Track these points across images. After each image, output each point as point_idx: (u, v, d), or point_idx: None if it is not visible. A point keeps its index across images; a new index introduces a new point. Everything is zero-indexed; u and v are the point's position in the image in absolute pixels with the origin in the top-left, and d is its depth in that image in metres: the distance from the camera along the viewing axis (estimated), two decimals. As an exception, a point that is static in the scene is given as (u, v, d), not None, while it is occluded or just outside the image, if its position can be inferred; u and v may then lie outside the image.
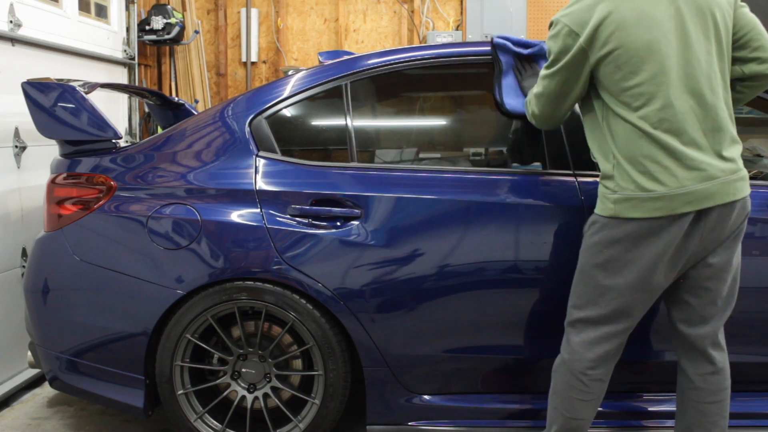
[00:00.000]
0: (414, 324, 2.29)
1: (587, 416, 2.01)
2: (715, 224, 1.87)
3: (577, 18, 1.88)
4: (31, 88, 2.45)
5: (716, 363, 2.00)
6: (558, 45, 1.91)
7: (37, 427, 2.76)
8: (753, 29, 1.95)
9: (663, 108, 1.82)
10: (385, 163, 2.41)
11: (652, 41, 1.83)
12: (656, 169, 1.83)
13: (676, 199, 1.82)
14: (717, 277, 1.95)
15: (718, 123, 1.86)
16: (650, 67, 1.83)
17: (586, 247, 1.97)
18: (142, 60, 4.99)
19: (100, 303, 2.38)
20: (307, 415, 2.36)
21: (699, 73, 1.85)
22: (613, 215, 1.88)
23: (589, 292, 1.96)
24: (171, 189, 2.35)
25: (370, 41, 5.62)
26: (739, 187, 1.88)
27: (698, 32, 1.86)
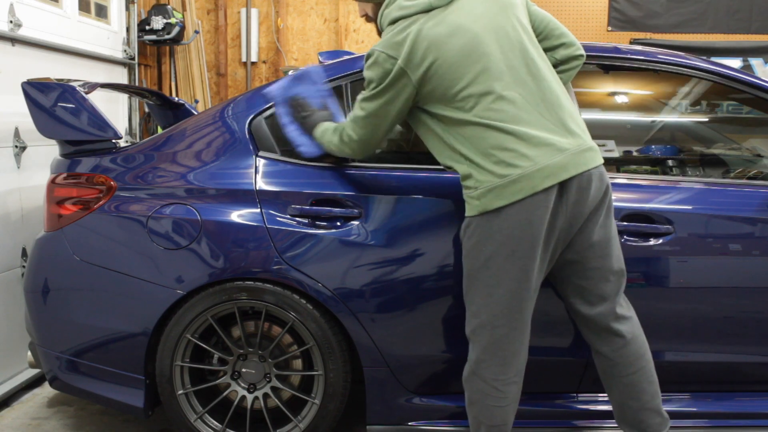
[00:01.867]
0: (414, 324, 2.30)
1: (508, 420, 2.02)
2: (577, 197, 1.91)
3: (390, 44, 1.94)
4: (31, 88, 2.45)
5: (625, 335, 2.04)
6: (377, 71, 1.96)
7: (37, 427, 2.76)
8: (550, 21, 2.11)
9: (494, 101, 1.89)
10: (385, 163, 2.41)
11: (465, 46, 1.91)
12: (508, 156, 1.87)
13: (534, 176, 1.86)
14: (601, 254, 2.00)
15: (551, 102, 1.93)
16: (472, 68, 1.90)
17: (466, 253, 1.99)
18: (142, 60, 4.98)
19: (100, 303, 2.38)
20: (307, 415, 2.36)
21: (518, 63, 1.94)
22: (481, 211, 1.92)
23: (479, 295, 1.97)
24: (171, 189, 2.35)
25: (370, 41, 5.61)
26: (590, 156, 1.93)
27: (506, 26, 1.96)
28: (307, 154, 2.26)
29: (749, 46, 5.59)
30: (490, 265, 1.93)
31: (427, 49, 1.90)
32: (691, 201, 2.29)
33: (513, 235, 1.89)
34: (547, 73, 1.98)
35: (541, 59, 2.00)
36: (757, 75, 2.56)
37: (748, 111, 3.02)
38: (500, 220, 1.89)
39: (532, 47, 1.99)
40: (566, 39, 2.12)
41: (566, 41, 2.11)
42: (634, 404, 2.07)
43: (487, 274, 1.94)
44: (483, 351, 1.99)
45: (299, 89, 2.28)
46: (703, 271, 2.29)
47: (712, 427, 2.33)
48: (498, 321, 1.95)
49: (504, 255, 1.91)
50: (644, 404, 2.07)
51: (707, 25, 5.65)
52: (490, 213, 1.90)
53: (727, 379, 2.38)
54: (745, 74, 2.43)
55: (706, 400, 2.36)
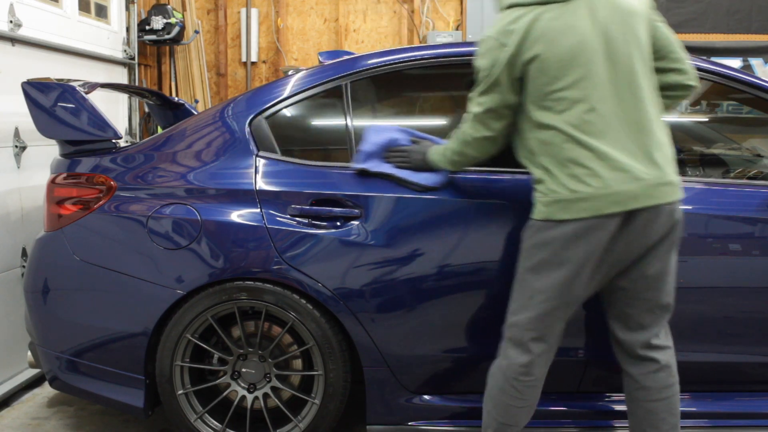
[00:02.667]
0: (414, 324, 2.29)
1: (521, 422, 2.02)
2: (641, 228, 1.89)
3: (504, 30, 1.92)
4: (31, 88, 2.46)
5: (659, 361, 2.02)
6: (488, 60, 1.94)
7: (37, 427, 2.76)
8: (671, 42, 2.03)
9: (587, 111, 1.86)
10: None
11: (576, 46, 1.87)
12: (582, 172, 1.85)
13: (603, 199, 1.84)
14: (653, 287, 1.97)
15: (642, 125, 1.89)
16: (574, 72, 1.87)
17: (522, 252, 2.00)
18: (142, 60, 4.98)
19: (100, 303, 2.38)
20: (307, 415, 2.36)
21: (621, 78, 1.89)
22: (545, 218, 1.91)
23: (522, 296, 1.98)
24: (171, 189, 2.35)
25: (370, 41, 5.62)
26: (666, 191, 1.89)
27: (619, 39, 1.90)
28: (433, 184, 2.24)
29: (749, 46, 5.58)
30: (539, 270, 1.93)
31: (536, 40, 1.87)
32: (691, 201, 2.28)
33: (567, 249, 1.88)
34: (647, 95, 1.92)
35: (646, 80, 1.93)
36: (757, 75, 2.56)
37: (748, 111, 3.02)
38: (559, 231, 1.88)
39: (641, 65, 1.92)
40: (681, 65, 2.03)
41: (681, 67, 2.03)
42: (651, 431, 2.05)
43: (534, 278, 1.94)
44: (511, 348, 2.00)
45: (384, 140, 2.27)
46: (703, 271, 2.29)
47: (712, 427, 2.33)
48: (531, 325, 1.95)
49: (554, 265, 1.90)
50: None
51: (707, 25, 5.64)
52: (552, 222, 1.90)
53: (727, 379, 2.38)
54: (745, 74, 2.43)
55: (706, 400, 2.36)
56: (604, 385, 2.36)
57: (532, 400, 2.01)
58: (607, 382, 2.35)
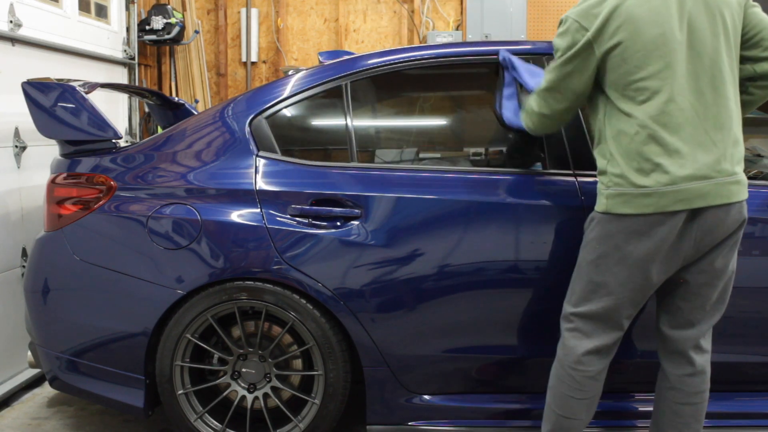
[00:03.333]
0: (414, 324, 2.29)
1: (581, 416, 2.00)
2: (708, 226, 1.86)
3: (586, 13, 1.88)
4: (31, 88, 2.45)
5: (696, 365, 2.00)
6: (566, 41, 1.91)
7: (37, 427, 2.76)
8: (765, 28, 1.94)
9: (666, 102, 1.82)
10: (385, 163, 2.41)
11: (659, 36, 1.83)
12: (649, 167, 1.83)
13: (667, 197, 1.81)
14: (711, 283, 1.95)
15: (721, 122, 1.85)
16: (656, 61, 1.83)
17: (584, 244, 1.99)
18: (142, 60, 4.98)
19: (100, 303, 2.38)
20: (307, 415, 2.36)
21: (702, 71, 1.84)
22: (606, 211, 1.89)
23: (582, 288, 1.97)
24: (171, 189, 2.35)
25: (370, 41, 5.62)
26: (734, 190, 1.87)
27: (705, 29, 1.85)
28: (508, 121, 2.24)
29: (749, 46, 5.56)
30: (600, 263, 1.91)
31: (620, 27, 1.83)
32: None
33: (629, 244, 1.86)
34: (729, 90, 1.87)
35: (730, 73, 1.88)
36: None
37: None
38: (622, 225, 1.86)
39: (727, 58, 1.87)
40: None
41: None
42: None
43: (595, 271, 1.92)
44: (569, 339, 1.99)
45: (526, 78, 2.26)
46: (704, 271, 2.28)
47: (712, 427, 2.32)
48: (591, 317, 1.95)
49: (616, 259, 1.88)
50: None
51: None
52: (614, 215, 1.87)
53: (727, 379, 2.38)
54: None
55: (707, 400, 2.36)
56: (604, 384, 2.35)
57: (592, 393, 1.99)
58: (607, 382, 2.35)
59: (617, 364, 2.23)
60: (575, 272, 2.01)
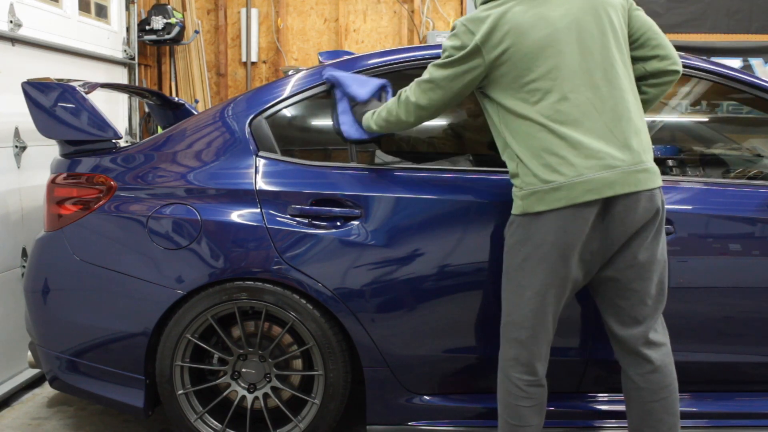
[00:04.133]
0: (414, 324, 2.30)
1: (533, 422, 2.01)
2: (620, 216, 1.88)
3: (474, 19, 1.95)
4: (31, 88, 2.45)
5: (654, 361, 2.01)
6: (454, 42, 1.97)
7: (37, 427, 2.76)
8: (650, 29, 2.03)
9: (559, 101, 1.87)
10: (385, 163, 2.41)
11: (545, 38, 1.89)
12: (555, 161, 1.86)
13: (576, 188, 1.84)
14: (642, 276, 1.96)
15: (619, 113, 1.89)
16: (545, 62, 1.88)
17: (506, 250, 2.00)
18: (142, 60, 4.98)
19: (100, 303, 2.38)
20: (307, 415, 2.36)
21: (595, 67, 1.90)
22: (523, 212, 1.92)
23: (512, 294, 1.98)
24: (171, 189, 2.35)
25: (370, 41, 5.62)
26: (643, 178, 1.89)
27: (593, 28, 1.92)
28: (349, 136, 2.29)
29: (749, 46, 5.58)
30: (524, 266, 1.93)
31: (506, 33, 1.89)
32: (691, 201, 2.29)
33: (547, 241, 1.88)
34: (624, 83, 1.92)
35: (623, 67, 1.94)
36: (757, 75, 2.56)
37: (748, 111, 3.02)
38: (539, 223, 1.89)
39: (617, 53, 1.93)
40: (662, 51, 2.02)
41: (661, 53, 2.02)
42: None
43: (521, 274, 1.94)
44: (509, 349, 2.00)
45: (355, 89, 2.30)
46: (703, 271, 2.29)
47: (712, 427, 2.33)
48: (525, 322, 1.96)
49: (537, 258, 1.91)
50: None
51: (707, 25, 5.64)
52: (531, 215, 1.90)
53: (727, 379, 2.38)
54: (745, 74, 2.43)
55: (706, 400, 2.36)
56: (604, 385, 2.36)
57: (540, 398, 2.00)
58: (607, 382, 2.35)
59: (617, 365, 2.23)
60: (504, 280, 2.02)
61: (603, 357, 2.27)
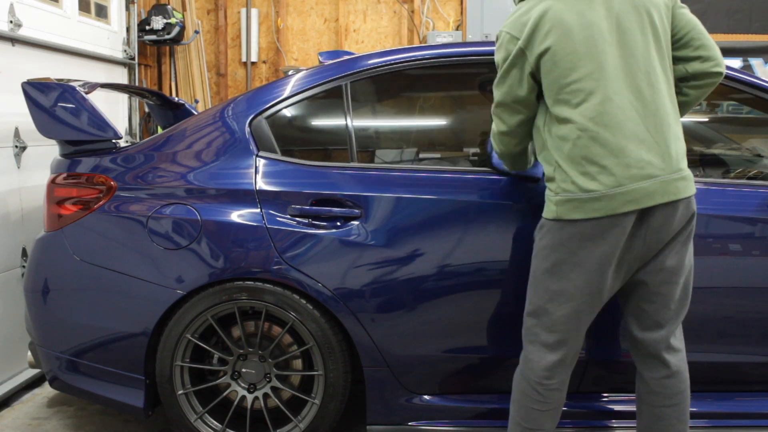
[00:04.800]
0: (414, 324, 2.29)
1: (546, 426, 1.99)
2: (659, 225, 1.86)
3: (516, 24, 1.92)
4: (31, 88, 2.45)
5: (671, 366, 1.99)
6: (502, 54, 1.94)
7: (37, 427, 2.76)
8: (694, 29, 1.98)
9: (602, 102, 1.83)
10: (385, 163, 2.41)
11: (588, 38, 1.85)
12: (595, 170, 1.82)
13: (616, 199, 1.81)
14: (670, 281, 1.94)
15: (659, 119, 1.86)
16: (587, 63, 1.84)
17: (536, 252, 1.97)
18: (142, 60, 4.99)
19: (100, 303, 2.38)
20: (307, 415, 2.36)
21: (637, 69, 1.86)
22: (557, 217, 1.88)
23: (540, 298, 1.95)
24: (171, 189, 2.35)
25: (370, 41, 5.62)
26: (681, 186, 1.86)
27: (634, 30, 1.88)
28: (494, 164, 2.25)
29: (749, 46, 5.58)
30: (555, 271, 1.90)
31: (549, 31, 1.85)
32: (691, 201, 2.29)
33: (584, 249, 1.85)
34: (663, 87, 1.89)
35: (663, 71, 1.90)
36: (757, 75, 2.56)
37: (748, 111, 3.02)
38: (574, 230, 1.85)
39: (658, 56, 1.89)
40: (705, 52, 1.96)
41: (704, 55, 1.96)
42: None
43: (551, 279, 1.91)
44: (534, 352, 1.97)
45: None
46: (703, 271, 2.28)
47: (712, 427, 2.33)
48: (555, 327, 1.93)
49: (571, 265, 1.88)
50: None
51: (707, 25, 5.59)
52: (564, 221, 1.87)
53: (727, 379, 2.38)
54: (745, 74, 2.43)
55: (706, 400, 2.36)
56: (604, 385, 2.36)
57: (556, 404, 1.98)
58: (607, 382, 2.35)
59: (618, 365, 2.24)
60: (530, 283, 1.99)
61: (603, 357, 2.27)
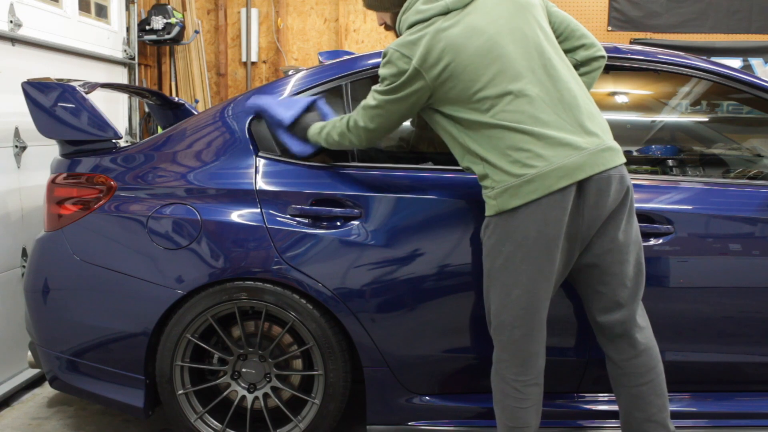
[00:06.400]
0: (414, 324, 2.30)
1: (531, 422, 2.00)
2: (595, 199, 1.90)
3: (405, 43, 1.95)
4: (31, 88, 2.45)
5: (638, 345, 2.03)
6: (391, 70, 1.96)
7: (37, 427, 2.76)
8: (570, 22, 2.10)
9: (510, 102, 1.88)
10: (385, 163, 2.41)
11: (482, 46, 1.90)
12: (524, 156, 1.86)
13: (550, 176, 1.84)
14: (620, 259, 1.97)
15: (568, 102, 1.91)
16: (487, 70, 1.89)
17: (486, 252, 1.99)
18: (142, 60, 4.99)
19: (100, 303, 2.38)
20: (307, 415, 2.36)
21: (535, 63, 1.92)
22: (498, 210, 1.91)
23: (498, 295, 1.97)
24: (171, 189, 2.35)
25: (370, 41, 5.62)
26: (608, 156, 1.91)
27: (523, 28, 1.95)
28: (299, 153, 2.28)
29: (749, 46, 5.59)
30: (508, 265, 1.92)
31: (443, 51, 1.90)
32: (691, 201, 2.29)
33: (529, 236, 1.88)
34: (565, 73, 1.96)
35: (559, 59, 1.98)
36: (757, 75, 2.56)
37: (748, 111, 3.02)
38: (517, 220, 1.88)
39: (550, 48, 1.97)
40: (586, 40, 2.10)
41: (586, 42, 2.09)
42: (639, 415, 2.05)
43: (506, 274, 1.93)
44: (503, 350, 1.99)
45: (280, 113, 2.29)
46: (704, 271, 2.29)
47: (712, 427, 2.33)
48: (516, 321, 1.95)
49: (521, 255, 1.90)
50: (650, 416, 2.04)
51: (707, 25, 5.64)
52: (507, 213, 1.90)
53: (727, 379, 2.38)
54: (745, 74, 2.43)
55: (706, 400, 2.36)
56: (604, 385, 2.36)
57: (536, 398, 2.00)
58: (607, 382, 2.35)
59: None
60: (486, 283, 2.01)
61: (603, 357, 2.27)
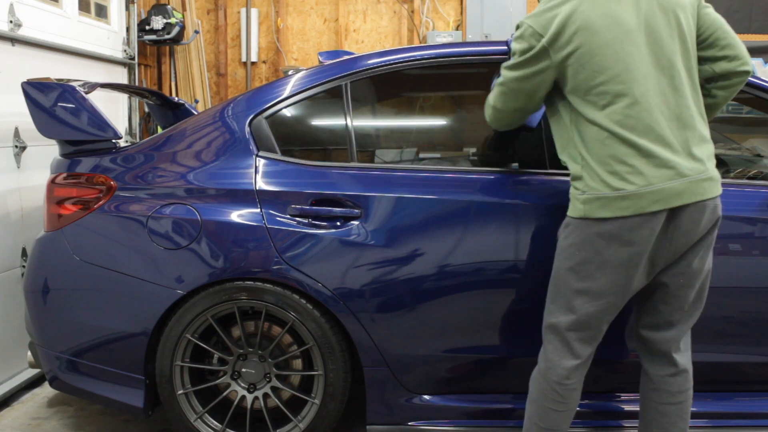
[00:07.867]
0: (414, 324, 2.29)
1: (561, 427, 1.98)
2: (686, 227, 1.85)
3: (541, 20, 1.88)
4: (31, 88, 2.45)
5: (678, 365, 2.00)
6: (522, 45, 1.91)
7: (37, 427, 2.76)
8: (719, 28, 1.96)
9: (629, 106, 1.81)
10: (385, 163, 2.41)
11: (615, 40, 1.83)
12: (624, 169, 1.81)
13: (645, 198, 1.80)
14: (688, 284, 1.94)
15: (684, 121, 1.85)
16: (614, 65, 1.82)
17: (559, 251, 1.96)
18: (142, 60, 4.99)
19: (100, 303, 2.38)
20: (307, 415, 2.36)
21: (663, 71, 1.85)
22: (583, 216, 1.87)
23: (562, 297, 1.93)
24: (171, 189, 2.35)
25: (370, 41, 5.62)
26: (708, 187, 1.85)
27: (662, 31, 1.86)
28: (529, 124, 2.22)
29: (749, 46, 5.54)
30: (580, 270, 1.88)
31: (575, 33, 1.83)
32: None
33: (610, 248, 1.84)
34: (688, 90, 1.87)
35: (687, 73, 1.88)
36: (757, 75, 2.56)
37: (748, 111, 3.02)
38: (602, 229, 1.84)
39: (684, 59, 1.88)
40: (731, 51, 1.96)
41: (731, 54, 1.95)
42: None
43: (575, 278, 1.89)
44: (552, 352, 1.96)
45: None
46: (703, 271, 2.28)
47: (712, 427, 2.33)
48: (578, 326, 1.92)
49: (596, 265, 1.86)
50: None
51: (707, 25, 5.64)
52: (591, 219, 1.85)
53: (727, 379, 2.38)
54: (745, 74, 2.42)
55: (706, 400, 2.36)
56: (604, 385, 2.36)
57: (573, 404, 1.98)
58: (607, 382, 2.35)
59: (617, 365, 2.24)
60: (552, 282, 1.98)
61: (603, 357, 2.27)
